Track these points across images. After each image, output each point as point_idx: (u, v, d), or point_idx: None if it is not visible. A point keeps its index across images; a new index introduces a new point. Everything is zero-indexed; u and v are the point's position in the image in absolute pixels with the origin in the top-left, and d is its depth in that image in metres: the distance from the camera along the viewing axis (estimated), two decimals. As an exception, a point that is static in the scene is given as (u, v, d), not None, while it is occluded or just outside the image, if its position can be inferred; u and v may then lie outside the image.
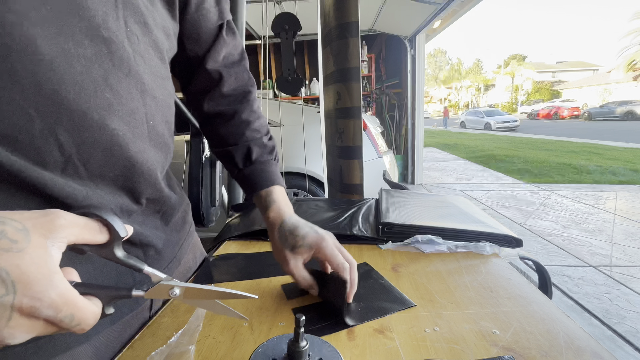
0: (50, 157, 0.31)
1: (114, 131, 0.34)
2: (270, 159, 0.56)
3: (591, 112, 21.38)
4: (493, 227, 0.67)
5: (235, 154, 0.55)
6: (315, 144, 2.20)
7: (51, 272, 0.23)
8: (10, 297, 0.22)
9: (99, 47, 0.32)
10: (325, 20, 1.33)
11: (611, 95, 28.72)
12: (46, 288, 0.23)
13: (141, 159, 0.38)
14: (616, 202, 3.79)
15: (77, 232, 0.26)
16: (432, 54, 68.16)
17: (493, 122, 18.28)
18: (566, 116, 23.86)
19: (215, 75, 0.53)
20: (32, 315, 0.23)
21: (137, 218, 0.43)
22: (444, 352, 0.37)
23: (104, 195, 0.36)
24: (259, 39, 4.38)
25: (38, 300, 0.23)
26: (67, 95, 0.30)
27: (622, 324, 1.67)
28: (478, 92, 51.73)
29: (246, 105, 0.56)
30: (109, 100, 0.33)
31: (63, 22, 0.29)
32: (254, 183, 0.54)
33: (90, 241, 0.27)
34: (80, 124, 0.31)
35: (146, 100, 0.38)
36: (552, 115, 24.95)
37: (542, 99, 38.66)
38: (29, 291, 0.22)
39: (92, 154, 0.33)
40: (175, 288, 0.31)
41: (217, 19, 0.51)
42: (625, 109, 19.10)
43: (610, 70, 32.23)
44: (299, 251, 0.48)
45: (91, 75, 0.31)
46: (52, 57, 0.28)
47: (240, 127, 0.55)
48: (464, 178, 5.45)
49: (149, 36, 0.38)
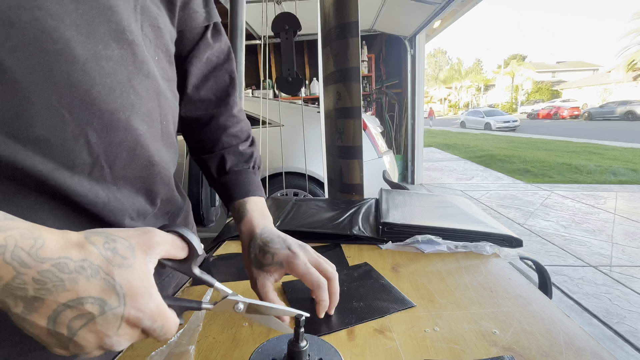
0: (80, 159, 0.31)
1: (137, 131, 0.35)
2: (246, 168, 0.52)
3: (591, 112, 21.38)
4: (493, 227, 0.67)
5: (210, 163, 0.52)
6: (315, 144, 2.20)
7: (151, 285, 0.26)
8: (122, 309, 0.25)
9: (124, 50, 0.33)
10: (325, 20, 1.33)
11: (611, 95, 28.72)
12: (147, 301, 0.26)
13: (158, 159, 0.39)
14: (616, 202, 3.79)
15: (167, 249, 0.29)
16: (432, 54, 68.21)
17: (493, 122, 18.28)
18: (566, 116, 23.86)
19: (193, 78, 0.50)
20: (136, 324, 0.26)
21: (150, 221, 0.44)
22: (444, 352, 0.37)
23: (123, 200, 0.37)
24: (259, 39, 4.38)
25: (142, 312, 0.25)
26: (98, 96, 0.31)
27: (622, 324, 1.67)
28: (478, 92, 51.74)
29: (224, 109, 0.53)
30: (132, 101, 0.34)
31: (93, 25, 0.30)
32: (228, 194, 0.51)
33: (175, 257, 0.30)
34: (109, 125, 0.32)
35: (160, 101, 0.39)
36: (552, 115, 24.96)
37: (542, 99, 38.65)
38: (135, 303, 0.25)
39: (118, 155, 0.34)
40: (239, 303, 0.34)
41: (203, 20, 0.49)
42: (625, 109, 19.09)
43: (610, 70, 32.23)
44: (268, 269, 0.43)
45: (118, 77, 0.32)
46: (85, 59, 0.29)
47: (216, 133, 0.52)
48: (464, 178, 5.45)
49: (161, 40, 0.40)
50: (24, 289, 0.22)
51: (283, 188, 2.34)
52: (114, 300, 0.24)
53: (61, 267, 0.23)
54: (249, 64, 4.80)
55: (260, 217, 0.48)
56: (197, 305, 0.32)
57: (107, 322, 0.24)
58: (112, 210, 0.36)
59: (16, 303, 0.23)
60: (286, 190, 2.38)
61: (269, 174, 2.35)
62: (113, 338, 0.25)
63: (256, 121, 2.37)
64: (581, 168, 5.79)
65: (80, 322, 0.23)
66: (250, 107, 2.43)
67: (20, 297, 0.22)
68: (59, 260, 0.23)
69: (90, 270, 0.24)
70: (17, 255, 0.22)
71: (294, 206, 0.91)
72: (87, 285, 0.23)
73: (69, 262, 0.23)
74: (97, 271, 0.24)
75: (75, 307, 0.23)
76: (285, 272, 0.43)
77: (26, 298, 0.22)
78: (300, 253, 0.43)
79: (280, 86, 1.69)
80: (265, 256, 0.43)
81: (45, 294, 0.23)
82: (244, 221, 0.48)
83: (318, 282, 0.41)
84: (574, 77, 41.50)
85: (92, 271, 0.24)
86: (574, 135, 12.12)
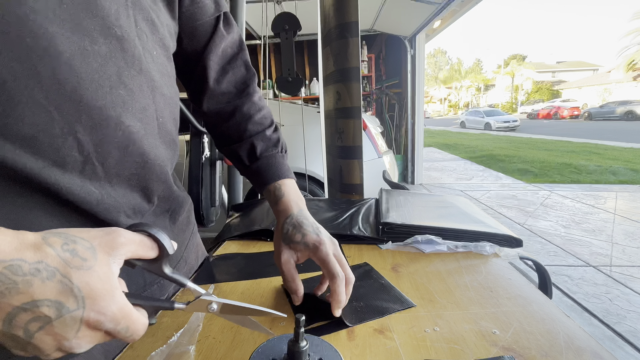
0: (70, 157, 0.31)
1: (129, 128, 0.35)
2: (275, 152, 0.55)
3: (591, 112, 21.36)
4: (493, 227, 0.67)
5: (240, 151, 0.54)
6: (315, 144, 2.20)
7: (113, 287, 0.26)
8: (80, 312, 0.24)
9: (112, 45, 0.32)
10: (325, 20, 1.33)
11: (611, 95, 28.70)
12: (109, 303, 0.25)
13: (153, 156, 0.39)
14: (616, 202, 3.79)
15: (133, 249, 0.28)
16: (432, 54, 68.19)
17: (493, 122, 18.27)
18: (566, 116, 23.85)
19: (212, 72, 0.51)
20: (97, 327, 0.25)
21: (149, 218, 0.44)
22: (444, 352, 0.37)
23: (117, 198, 0.36)
24: (259, 39, 4.38)
25: (102, 315, 0.25)
26: (85, 92, 0.30)
27: (622, 324, 1.67)
28: (478, 92, 51.72)
29: (246, 99, 0.55)
30: (123, 97, 0.34)
31: (79, 21, 0.29)
32: (261, 179, 0.53)
33: (143, 257, 0.29)
34: (98, 122, 0.32)
35: (156, 98, 0.39)
36: (552, 115, 24.95)
37: (542, 98, 38.62)
38: (95, 306, 0.25)
39: (109, 152, 0.34)
40: (213, 303, 0.33)
41: (213, 11, 0.49)
42: (625, 109, 19.08)
43: (610, 70, 32.22)
44: (295, 247, 0.46)
45: (106, 73, 0.32)
46: (71, 55, 0.29)
47: (242, 123, 0.54)
48: (464, 178, 5.45)
49: (157, 34, 0.39)
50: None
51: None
52: (71, 303, 0.24)
53: (14, 270, 0.22)
54: (249, 64, 4.78)
55: (297, 198, 0.51)
56: (169, 305, 0.31)
57: (65, 325, 0.24)
58: (106, 208, 0.35)
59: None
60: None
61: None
62: (72, 341, 0.24)
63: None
64: (581, 168, 5.79)
65: (36, 324, 0.23)
66: (250, 107, 2.43)
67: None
68: (11, 263, 0.22)
69: (46, 273, 0.23)
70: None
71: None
72: (43, 288, 0.23)
73: (23, 264, 0.23)
74: (53, 273, 0.23)
75: (30, 309, 0.23)
76: (309, 255, 0.45)
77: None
78: (328, 242, 0.45)
79: (280, 86, 1.69)
80: (296, 235, 0.46)
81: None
82: (281, 201, 0.51)
83: (337, 272, 0.42)
84: (574, 77, 41.49)
85: (47, 273, 0.23)
86: (574, 135, 12.12)
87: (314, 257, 0.45)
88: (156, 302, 0.30)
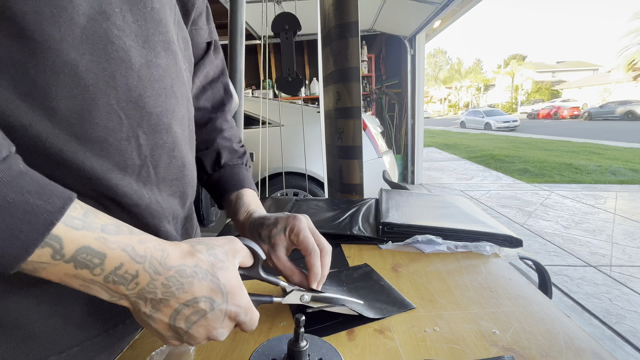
0: (130, 160, 0.34)
1: (176, 134, 0.38)
2: (240, 164, 0.54)
3: (591, 112, 21.35)
4: (493, 227, 0.67)
5: (205, 159, 0.53)
6: (315, 144, 2.20)
7: (242, 284, 0.32)
8: (225, 305, 0.30)
9: (169, 59, 0.36)
10: (325, 20, 1.33)
11: (611, 95, 28.70)
12: (242, 297, 0.31)
13: (187, 161, 0.42)
14: (616, 202, 3.79)
15: (243, 255, 0.34)
16: (432, 54, 68.13)
17: (493, 122, 18.27)
18: (566, 116, 23.85)
19: (194, 88, 0.52)
20: (234, 318, 0.31)
21: (178, 225, 0.45)
22: (444, 352, 0.37)
23: (162, 203, 0.39)
24: (259, 39, 4.38)
25: (239, 307, 0.31)
26: (148, 100, 0.34)
27: (622, 324, 1.67)
28: (478, 92, 51.71)
29: (220, 114, 0.56)
30: (172, 105, 0.37)
31: (148, 36, 0.33)
32: (223, 187, 0.51)
33: (245, 264, 0.35)
34: (155, 127, 0.35)
35: (189, 107, 0.43)
36: (552, 115, 24.94)
37: (542, 98, 38.62)
38: (234, 300, 0.30)
39: (160, 156, 0.37)
40: (305, 294, 0.40)
41: (207, 36, 0.53)
42: (625, 108, 19.07)
43: (610, 70, 32.21)
44: (275, 241, 0.43)
45: (164, 83, 0.36)
46: (140, 65, 0.32)
47: (212, 133, 0.54)
48: (464, 178, 5.45)
49: (187, 51, 0.44)
50: (154, 292, 0.27)
51: (283, 188, 2.34)
52: (219, 298, 0.29)
53: (181, 273, 0.28)
54: (249, 64, 4.80)
55: (257, 207, 0.50)
56: (269, 299, 0.37)
57: (215, 316, 0.29)
58: (152, 213, 0.37)
59: (146, 304, 0.27)
60: (286, 190, 2.38)
61: (269, 174, 2.35)
62: (219, 330, 0.30)
63: (256, 121, 2.37)
64: (581, 168, 5.79)
65: (195, 317, 0.28)
66: (250, 107, 2.43)
67: (150, 299, 0.27)
68: (179, 268, 0.28)
69: (201, 274, 0.29)
70: (152, 264, 0.27)
71: (294, 206, 0.91)
72: (200, 287, 0.28)
73: (186, 268, 0.28)
74: (206, 274, 0.29)
75: (191, 305, 0.28)
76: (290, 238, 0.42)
77: (155, 300, 0.27)
78: (302, 217, 0.44)
79: (280, 86, 1.69)
80: (269, 228, 0.43)
81: (169, 296, 0.27)
82: (242, 211, 0.49)
83: (314, 248, 0.41)
84: (574, 77, 41.47)
85: (202, 275, 0.29)
86: (574, 135, 12.11)
87: (292, 235, 0.42)
88: (260, 297, 0.36)
